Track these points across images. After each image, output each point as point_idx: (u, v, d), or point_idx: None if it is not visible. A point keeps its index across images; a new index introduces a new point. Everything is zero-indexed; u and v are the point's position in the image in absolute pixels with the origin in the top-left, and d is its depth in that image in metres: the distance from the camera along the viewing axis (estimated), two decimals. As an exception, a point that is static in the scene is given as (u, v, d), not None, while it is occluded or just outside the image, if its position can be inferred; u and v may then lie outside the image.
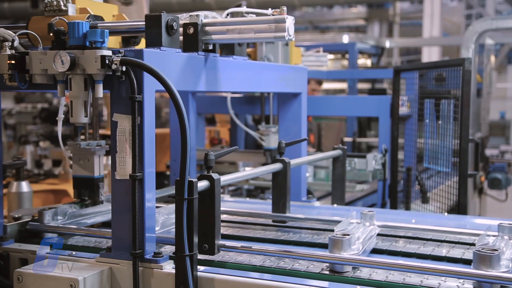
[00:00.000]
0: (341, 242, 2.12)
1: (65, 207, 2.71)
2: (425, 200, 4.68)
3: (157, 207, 2.33)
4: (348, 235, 2.16)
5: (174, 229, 2.61)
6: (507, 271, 1.92)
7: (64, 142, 2.89)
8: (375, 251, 2.40)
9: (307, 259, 2.19)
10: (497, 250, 1.95)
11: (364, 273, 2.10)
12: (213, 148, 6.17)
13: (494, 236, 2.27)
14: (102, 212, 2.82)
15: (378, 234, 2.54)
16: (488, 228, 2.29)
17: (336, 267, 2.12)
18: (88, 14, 2.45)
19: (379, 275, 2.08)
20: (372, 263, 2.10)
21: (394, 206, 4.71)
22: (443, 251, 2.41)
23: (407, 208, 4.61)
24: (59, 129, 2.86)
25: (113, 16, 2.69)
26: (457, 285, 1.99)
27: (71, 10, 2.49)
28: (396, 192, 4.79)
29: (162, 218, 2.58)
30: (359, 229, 2.38)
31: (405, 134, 5.14)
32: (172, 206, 2.83)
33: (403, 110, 4.96)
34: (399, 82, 4.90)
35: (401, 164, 5.10)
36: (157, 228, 2.55)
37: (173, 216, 2.67)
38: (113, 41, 2.65)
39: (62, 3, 2.48)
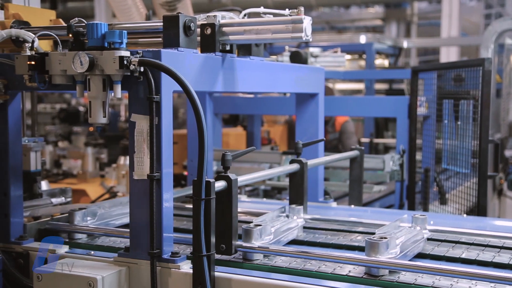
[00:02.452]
0: (377, 245, 2.07)
1: (94, 208, 2.74)
2: (443, 201, 4.65)
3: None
4: (386, 238, 2.11)
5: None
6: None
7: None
8: (422, 255, 2.36)
9: (324, 259, 2.19)
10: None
11: (407, 277, 2.05)
12: (264, 148, 6.17)
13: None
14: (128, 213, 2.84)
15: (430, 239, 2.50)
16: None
17: (372, 271, 2.07)
18: (14, 20, 2.53)
19: (406, 277, 2.04)
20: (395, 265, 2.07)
21: (412, 208, 4.68)
22: (489, 256, 2.34)
23: (425, 209, 4.58)
24: None
25: (50, 21, 2.77)
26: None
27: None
28: (414, 193, 4.76)
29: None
30: (402, 233, 2.31)
31: (423, 135, 5.10)
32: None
33: (421, 110, 4.92)
34: (417, 82, 4.87)
35: (419, 165, 5.07)
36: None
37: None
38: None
39: None
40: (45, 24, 2.69)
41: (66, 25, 2.50)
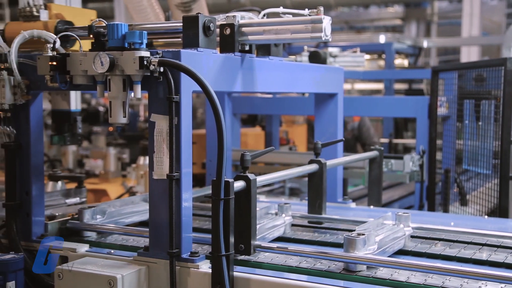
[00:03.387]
0: (354, 242, 2.12)
1: (104, 206, 2.76)
2: (464, 202, 4.60)
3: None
4: (363, 234, 2.15)
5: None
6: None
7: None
8: (403, 252, 2.40)
9: (342, 260, 2.17)
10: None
11: (385, 273, 2.10)
12: (282, 149, 6.18)
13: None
14: (140, 211, 2.86)
15: (414, 236, 2.52)
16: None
17: (350, 266, 2.13)
18: (58, 20, 2.53)
19: (401, 275, 2.07)
20: (380, 262, 2.10)
21: (432, 209, 4.64)
22: (468, 253, 2.37)
23: (445, 210, 4.53)
24: None
25: (91, 20, 2.77)
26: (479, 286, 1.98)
27: (43, 16, 2.60)
28: (434, 194, 4.72)
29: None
30: (383, 230, 2.36)
31: (444, 135, 5.05)
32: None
33: (441, 111, 4.88)
34: (437, 82, 4.83)
35: (439, 165, 5.02)
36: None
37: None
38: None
39: (35, 9, 2.57)
40: (86, 23, 2.69)
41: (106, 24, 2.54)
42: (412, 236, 2.52)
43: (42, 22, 2.57)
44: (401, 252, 2.40)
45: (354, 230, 2.24)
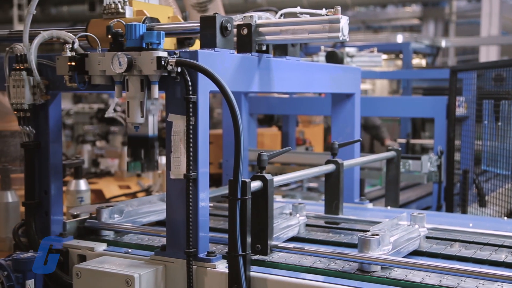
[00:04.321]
0: (369, 242, 2.11)
1: (121, 205, 2.78)
2: (482, 203, 4.55)
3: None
4: (378, 235, 2.14)
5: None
6: None
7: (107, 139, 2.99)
8: (418, 253, 2.39)
9: (356, 260, 2.17)
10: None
11: (399, 273, 2.09)
12: (298, 149, 6.18)
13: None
14: (157, 211, 2.87)
15: (430, 237, 2.50)
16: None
17: (364, 267, 2.12)
18: (145, 16, 2.50)
19: (416, 276, 2.06)
20: (396, 262, 2.09)
21: (450, 209, 4.60)
22: (484, 254, 2.35)
23: (464, 211, 4.49)
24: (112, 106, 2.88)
25: (168, 18, 2.74)
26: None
27: (129, 13, 2.56)
28: (452, 195, 4.68)
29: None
30: (398, 230, 2.35)
31: (462, 136, 5.01)
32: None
33: (460, 111, 4.84)
34: (455, 82, 4.78)
35: (457, 166, 4.98)
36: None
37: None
38: (169, 43, 2.70)
39: (120, 6, 2.55)
40: (163, 20, 2.67)
41: (183, 21, 2.56)
42: (427, 237, 2.50)
43: (129, 19, 2.52)
44: (416, 253, 2.38)
45: (369, 231, 2.23)
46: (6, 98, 2.58)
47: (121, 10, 2.55)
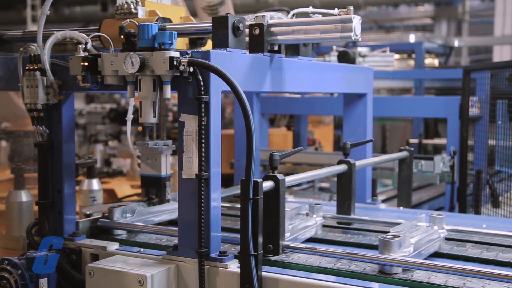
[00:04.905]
0: (390, 243, 2.09)
1: (133, 205, 2.79)
2: (496, 204, 4.51)
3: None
4: (399, 236, 2.12)
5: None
6: None
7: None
8: (438, 255, 2.36)
9: (370, 261, 2.16)
10: None
11: (421, 275, 2.06)
12: (308, 149, 6.17)
13: None
14: (169, 210, 2.88)
15: (448, 239, 2.48)
16: None
17: (385, 268, 2.10)
18: (157, 17, 2.51)
19: (438, 278, 2.04)
20: (417, 264, 2.06)
21: (463, 210, 4.57)
22: (507, 256, 2.32)
23: (477, 212, 4.46)
24: (128, 129, 2.95)
25: (181, 18, 2.74)
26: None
27: (141, 13, 2.57)
28: (465, 195, 4.64)
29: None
30: (418, 232, 2.33)
31: (475, 136, 4.97)
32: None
33: (473, 111, 4.80)
34: (469, 82, 4.75)
35: (470, 166, 4.94)
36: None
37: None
38: (181, 43, 2.70)
39: (132, 6, 2.56)
40: (176, 21, 2.68)
41: (195, 21, 2.57)
42: (446, 239, 2.48)
43: (142, 19, 2.54)
44: (436, 255, 2.36)
45: (388, 232, 2.21)
46: (20, 100, 2.60)
47: (133, 11, 2.56)
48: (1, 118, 5.91)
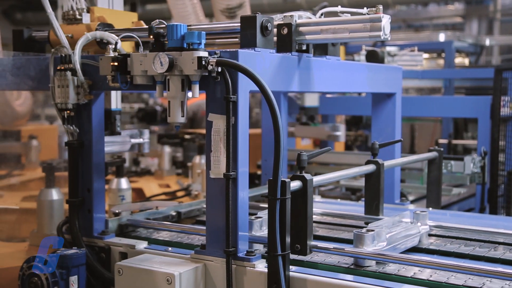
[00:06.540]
0: (363, 237, 2.16)
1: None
2: (528, 205, 4.42)
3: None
4: (373, 230, 2.19)
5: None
6: None
7: (161, 141, 3.02)
8: (417, 249, 2.43)
9: (398, 262, 2.14)
10: None
11: (393, 268, 2.12)
12: (316, 149, 6.16)
13: None
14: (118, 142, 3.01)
15: (446, 236, 2.54)
16: None
17: (359, 261, 2.17)
18: (98, 22, 2.63)
19: (408, 271, 2.10)
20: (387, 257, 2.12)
21: (494, 211, 4.49)
22: (483, 251, 2.38)
23: (508, 213, 4.38)
24: None
25: (132, 23, 2.84)
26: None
27: (85, 19, 2.72)
28: (496, 196, 4.56)
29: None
30: (398, 227, 2.38)
31: (507, 136, 4.87)
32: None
33: (505, 111, 4.71)
34: (501, 82, 4.67)
35: (501, 167, 4.85)
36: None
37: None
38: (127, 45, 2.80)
39: (77, 13, 2.71)
40: (127, 26, 2.78)
41: (147, 27, 2.58)
42: (437, 235, 2.54)
43: (85, 25, 2.69)
44: (415, 250, 2.41)
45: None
46: (15, 102, 2.76)
47: (78, 17, 2.73)
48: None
